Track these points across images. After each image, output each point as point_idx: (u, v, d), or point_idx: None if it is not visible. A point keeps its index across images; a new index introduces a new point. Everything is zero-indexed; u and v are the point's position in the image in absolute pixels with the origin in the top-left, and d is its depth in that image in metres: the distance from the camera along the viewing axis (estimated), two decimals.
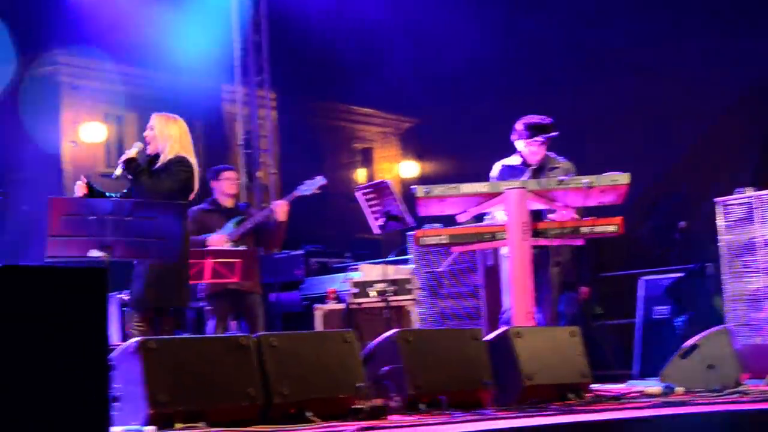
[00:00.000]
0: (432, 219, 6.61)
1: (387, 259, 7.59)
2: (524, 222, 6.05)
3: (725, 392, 5.20)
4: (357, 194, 6.67)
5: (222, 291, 7.01)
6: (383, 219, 6.44)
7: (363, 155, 24.62)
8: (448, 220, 6.53)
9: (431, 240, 6.31)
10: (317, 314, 8.16)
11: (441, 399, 4.53)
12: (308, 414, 4.20)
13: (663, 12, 13.23)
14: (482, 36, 14.68)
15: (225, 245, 6.99)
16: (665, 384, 5.44)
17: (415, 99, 17.85)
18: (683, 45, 12.66)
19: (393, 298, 7.59)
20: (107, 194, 5.96)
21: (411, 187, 6.25)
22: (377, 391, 4.50)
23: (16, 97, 14.06)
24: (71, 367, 2.91)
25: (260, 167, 13.00)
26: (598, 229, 6.21)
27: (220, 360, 4.17)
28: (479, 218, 6.56)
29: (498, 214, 6.42)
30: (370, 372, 4.59)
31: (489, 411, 4.49)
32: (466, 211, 6.29)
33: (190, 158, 6.00)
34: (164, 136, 6.00)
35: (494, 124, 7.94)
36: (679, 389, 5.37)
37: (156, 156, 6.03)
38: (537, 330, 5.69)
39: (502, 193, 6.11)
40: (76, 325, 2.95)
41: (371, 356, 4.76)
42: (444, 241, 6.33)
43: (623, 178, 6.08)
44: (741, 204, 6.86)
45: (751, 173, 10.37)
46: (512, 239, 6.07)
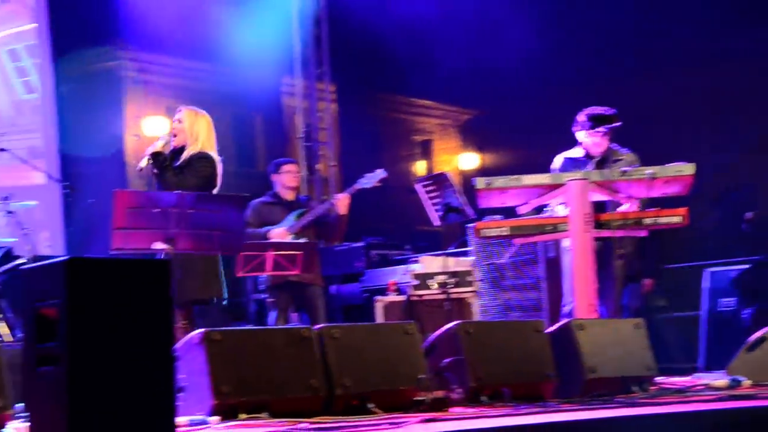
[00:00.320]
0: (492, 211, 6.57)
1: (447, 251, 7.56)
2: (586, 213, 5.99)
3: None
4: (417, 186, 6.67)
5: (283, 283, 7.06)
6: (443, 211, 6.43)
7: (422, 147, 24.57)
8: (509, 212, 6.49)
9: (492, 232, 6.27)
10: (378, 306, 8.17)
11: (503, 391, 4.51)
12: (370, 405, 4.22)
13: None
14: (544, 25, 14.55)
15: (286, 238, 7.05)
16: (731, 377, 5.36)
17: (475, 90, 17.74)
18: (750, 33, 12.42)
19: (454, 290, 7.56)
20: None
21: (471, 179, 6.22)
22: (439, 383, 4.49)
23: (81, 92, 14.27)
24: (137, 358, 2.95)
25: (320, 160, 13.04)
26: (663, 221, 6.13)
27: (283, 352, 4.20)
28: (540, 210, 6.51)
29: (558, 208, 6.36)
30: (432, 364, 4.58)
31: (551, 403, 4.46)
32: (528, 203, 6.25)
33: (213, 154, 5.99)
34: (193, 131, 5.98)
35: (555, 116, 7.87)
36: (746, 382, 5.28)
37: (179, 150, 6.01)
38: (600, 322, 5.63)
39: (564, 185, 6.06)
40: (142, 317, 2.99)
41: (432, 348, 4.75)
42: (505, 233, 6.29)
43: (688, 169, 5.99)
44: None
45: None
46: (574, 231, 6.01)
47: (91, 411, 2.83)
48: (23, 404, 3.57)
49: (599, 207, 6.26)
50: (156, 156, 5.92)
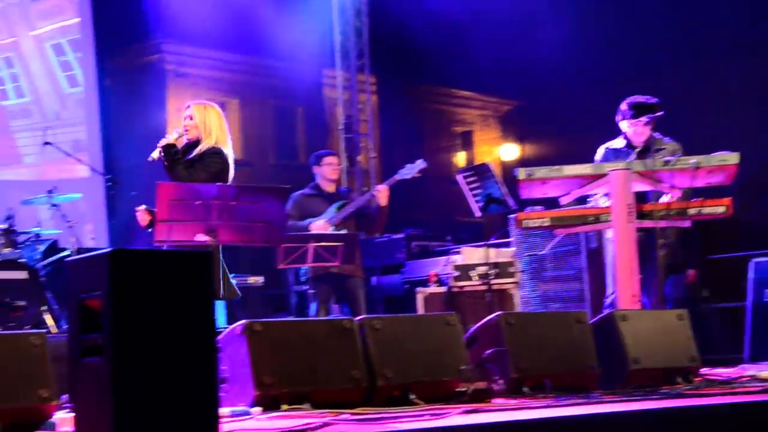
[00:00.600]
0: (533, 201, 6.54)
1: (488, 242, 7.54)
2: (629, 204, 5.94)
3: None
4: (458, 177, 6.65)
5: (324, 274, 7.08)
6: (484, 202, 6.41)
7: (463, 138, 24.49)
8: (550, 203, 6.45)
9: (533, 223, 6.24)
10: (419, 297, 8.17)
11: (545, 382, 4.49)
12: (412, 397, 4.22)
13: None
14: (584, 14, 14.43)
15: (327, 230, 7.07)
16: None
17: (515, 81, 17.66)
18: None
19: (495, 282, 7.53)
20: None
21: (513, 170, 6.20)
22: (480, 375, 4.48)
23: (124, 86, 14.40)
24: (180, 349, 2.97)
25: (360, 152, 13.06)
26: (707, 211, 6.06)
27: (324, 343, 4.21)
28: (582, 200, 6.47)
29: (601, 200, 6.32)
30: (473, 355, 4.57)
31: (594, 395, 4.43)
32: (569, 194, 6.21)
33: (225, 148, 5.88)
34: (206, 126, 5.86)
35: (597, 105, 7.82)
36: None
37: (192, 144, 5.90)
38: (643, 313, 5.59)
39: (606, 175, 6.01)
40: (184, 308, 3.01)
41: (474, 339, 4.74)
42: (546, 224, 6.26)
43: (732, 158, 5.91)
44: None
45: None
46: (617, 222, 5.96)
47: (135, 402, 2.85)
48: (68, 395, 3.61)
49: (640, 197, 6.20)
50: (168, 148, 5.80)
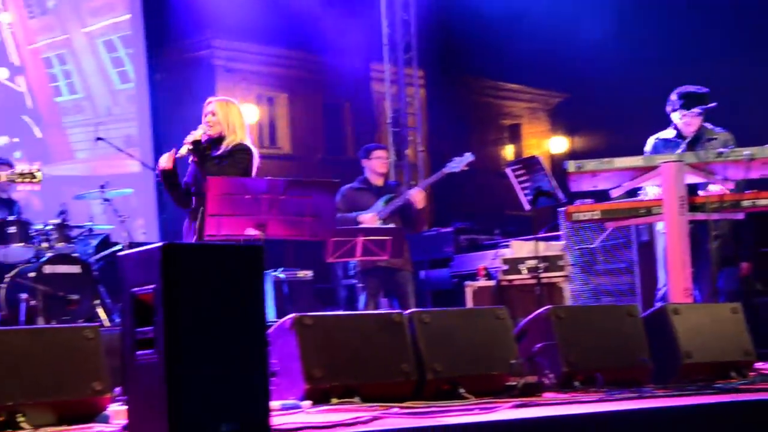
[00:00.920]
0: (583, 194, 6.48)
1: (538, 236, 7.49)
2: (681, 196, 5.87)
3: None
4: (507, 170, 6.62)
5: (372, 268, 7.09)
6: (533, 195, 6.37)
7: (511, 131, 24.37)
8: (600, 196, 6.40)
9: (584, 216, 6.19)
10: (468, 291, 8.14)
11: (596, 376, 4.45)
12: (461, 391, 4.21)
13: None
14: (632, 4, 14.29)
15: (375, 223, 7.08)
16: None
17: (564, 73, 17.51)
18: None
19: (544, 275, 7.48)
20: None
21: (563, 163, 6.15)
22: (530, 369, 4.46)
23: (174, 81, 14.51)
24: (231, 342, 2.99)
25: (408, 145, 13.04)
26: (761, 203, 5.97)
27: (374, 336, 4.21)
28: (633, 193, 6.40)
29: (650, 189, 6.25)
30: (523, 349, 4.55)
31: (646, 389, 4.38)
32: (620, 186, 6.15)
33: (250, 144, 5.89)
34: (229, 122, 5.83)
35: (647, 97, 7.73)
36: None
37: (215, 140, 5.85)
38: (696, 307, 5.52)
39: (658, 167, 5.94)
40: (235, 301, 3.03)
41: (523, 333, 4.72)
42: (597, 217, 6.21)
43: None
44: None
45: None
46: (668, 214, 5.90)
47: (188, 394, 2.87)
48: (122, 388, 3.65)
49: (691, 189, 6.12)
50: (196, 144, 5.79)
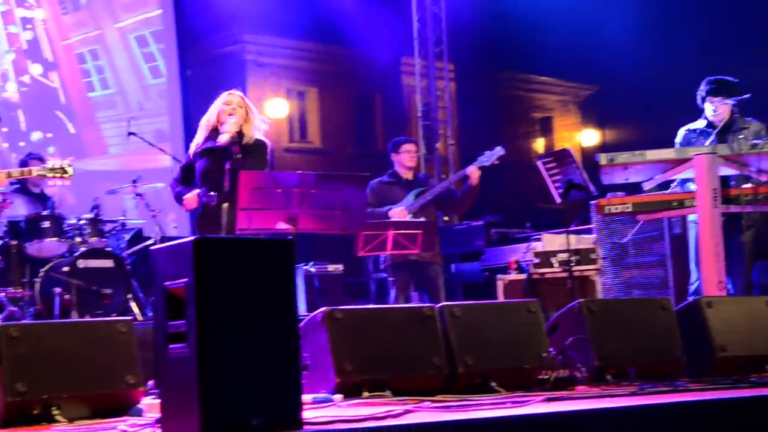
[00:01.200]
0: (615, 187, 6.45)
1: (569, 229, 7.45)
2: (714, 189, 5.82)
3: None
4: (538, 163, 6.59)
5: (402, 262, 7.08)
6: (564, 188, 6.34)
7: (542, 124, 24.26)
8: (631, 189, 6.36)
9: (615, 209, 6.16)
10: (499, 284, 8.12)
11: (629, 370, 4.43)
12: (493, 384, 4.20)
13: None
14: None
15: (405, 217, 7.07)
16: None
17: (595, 65, 17.40)
18: None
19: (576, 268, 7.45)
20: None
21: (594, 155, 6.12)
22: (562, 362, 4.44)
23: (205, 76, 14.57)
24: (263, 336, 3.00)
25: (439, 139, 13.02)
26: None
27: (405, 330, 4.21)
28: (665, 185, 6.36)
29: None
30: (555, 342, 4.53)
31: (680, 383, 4.35)
32: (652, 179, 6.10)
33: (265, 139, 5.91)
34: (249, 117, 5.83)
35: (678, 89, 7.66)
36: None
37: (238, 135, 5.80)
38: (730, 300, 5.47)
39: (691, 159, 5.89)
40: (266, 295, 3.03)
41: (555, 327, 4.70)
42: (628, 210, 6.18)
43: None
44: None
45: None
46: (702, 207, 5.85)
47: (220, 388, 2.88)
48: (154, 381, 3.68)
49: (722, 181, 6.06)
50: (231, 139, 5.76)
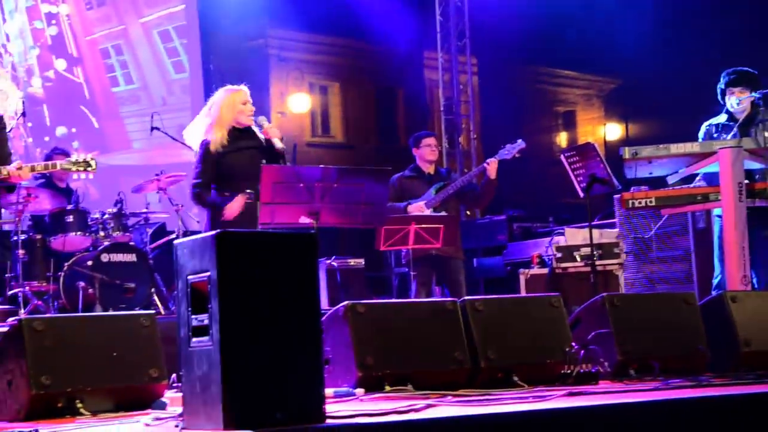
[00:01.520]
0: (638, 181, 6.41)
1: (592, 223, 7.41)
2: (739, 183, 5.77)
3: None
4: (561, 157, 6.57)
5: (423, 256, 7.06)
6: (587, 182, 6.31)
7: (565, 118, 24.18)
8: (655, 183, 6.33)
9: (639, 203, 6.13)
10: (521, 279, 8.10)
11: (652, 365, 4.41)
12: (515, 379, 4.19)
13: None
14: None
15: (424, 212, 7.03)
16: None
17: (619, 59, 17.32)
18: None
19: (599, 263, 7.42)
20: None
21: (618, 149, 6.09)
22: (585, 357, 4.42)
23: (228, 71, 14.60)
24: (285, 330, 3.00)
25: (461, 133, 13.01)
26: None
27: (427, 324, 4.21)
28: (688, 180, 6.32)
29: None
30: (577, 337, 4.51)
31: (704, 378, 4.33)
32: (677, 172, 6.06)
33: None
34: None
35: (702, 83, 7.60)
36: None
37: (244, 130, 5.99)
38: (754, 294, 5.44)
39: (715, 153, 5.85)
40: (289, 289, 3.03)
41: (578, 321, 4.68)
42: (652, 204, 6.14)
43: None
44: None
45: None
46: (726, 201, 5.81)
47: (243, 381, 2.89)
48: (177, 375, 3.69)
49: (748, 173, 6.01)
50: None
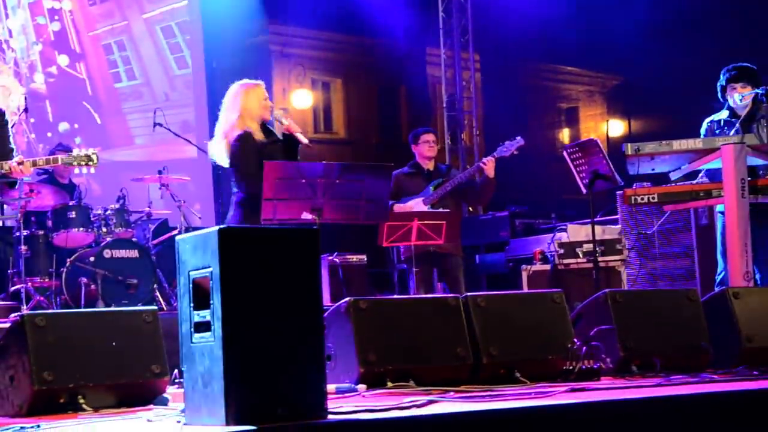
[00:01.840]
0: (641, 178, 6.41)
1: (594, 219, 7.41)
2: (742, 179, 5.77)
3: None
4: (564, 154, 6.57)
5: (422, 253, 7.04)
6: (589, 178, 6.31)
7: (567, 115, 24.15)
8: (657, 179, 6.32)
9: (641, 199, 6.12)
10: (524, 275, 8.11)
11: (654, 361, 4.40)
12: (517, 375, 4.19)
13: None
14: None
15: (422, 209, 7.03)
16: None
17: (621, 56, 17.29)
18: None
19: (601, 259, 7.43)
20: None
21: (621, 145, 6.09)
22: (587, 353, 4.42)
23: (231, 67, 14.59)
24: (287, 326, 3.00)
25: (464, 129, 13.00)
26: None
27: (429, 320, 4.20)
28: (691, 176, 6.31)
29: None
30: (580, 333, 4.51)
31: (706, 374, 4.32)
32: (680, 169, 6.06)
33: None
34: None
35: (706, 79, 7.59)
36: None
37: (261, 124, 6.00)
38: (757, 290, 5.43)
39: (718, 149, 5.84)
40: (291, 285, 3.03)
41: (580, 317, 4.68)
42: (655, 200, 6.14)
43: None
44: None
45: None
46: (729, 197, 5.80)
47: (245, 377, 2.89)
48: (179, 371, 3.69)
49: (751, 170, 6.00)
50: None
